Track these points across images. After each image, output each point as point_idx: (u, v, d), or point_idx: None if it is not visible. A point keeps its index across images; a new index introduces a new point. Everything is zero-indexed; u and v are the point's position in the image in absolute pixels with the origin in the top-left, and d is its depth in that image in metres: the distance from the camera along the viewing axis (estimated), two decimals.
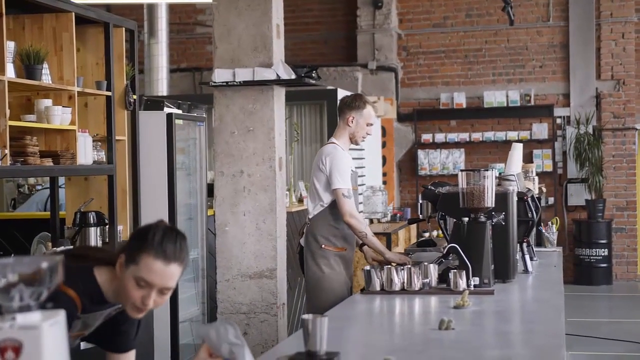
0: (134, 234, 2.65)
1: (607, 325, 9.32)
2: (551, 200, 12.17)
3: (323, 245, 5.06)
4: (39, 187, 8.52)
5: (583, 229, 11.95)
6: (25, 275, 1.74)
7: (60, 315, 1.77)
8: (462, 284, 4.06)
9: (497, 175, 5.12)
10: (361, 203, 9.70)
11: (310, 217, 5.16)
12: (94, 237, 5.33)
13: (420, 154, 12.53)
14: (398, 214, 10.51)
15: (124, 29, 5.78)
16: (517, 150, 5.55)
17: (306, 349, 2.69)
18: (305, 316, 2.67)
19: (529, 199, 4.90)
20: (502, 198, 4.41)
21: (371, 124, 5.21)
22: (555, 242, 6.18)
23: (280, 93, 5.53)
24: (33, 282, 1.74)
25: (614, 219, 12.13)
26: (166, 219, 6.08)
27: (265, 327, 5.41)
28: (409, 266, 4.21)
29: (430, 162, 12.52)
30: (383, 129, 11.88)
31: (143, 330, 5.56)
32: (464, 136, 12.43)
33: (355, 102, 5.18)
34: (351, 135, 5.16)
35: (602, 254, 11.84)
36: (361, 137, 5.19)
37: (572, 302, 10.49)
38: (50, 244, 5.43)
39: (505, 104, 12.32)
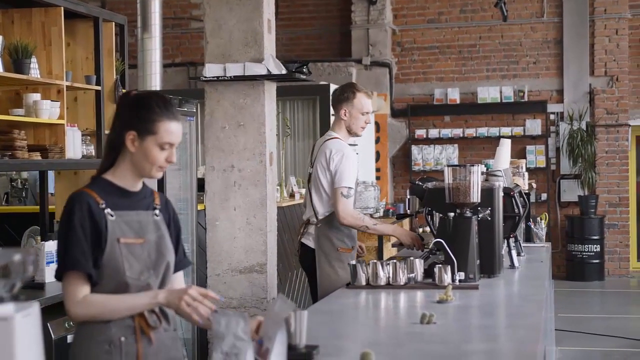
0: (131, 110, 2.78)
1: (598, 321, 9.34)
2: (544, 196, 12.20)
3: (339, 248, 4.97)
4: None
5: (576, 224, 11.98)
6: None
7: (34, 307, 1.79)
8: (447, 278, 4.07)
9: (485, 170, 5.13)
10: None
11: (319, 217, 5.00)
12: None
13: (414, 149, 12.54)
14: (391, 210, 10.51)
15: (113, 23, 5.80)
16: (505, 146, 5.57)
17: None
18: None
19: (516, 195, 4.90)
20: (488, 193, 4.41)
21: (366, 113, 5.03)
22: (544, 237, 6.20)
23: (271, 88, 5.53)
24: (5, 274, 1.76)
25: (607, 215, 12.16)
26: None
27: None
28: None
29: (424, 157, 12.54)
30: (377, 125, 11.90)
31: None
32: (458, 132, 12.44)
33: (344, 93, 5.03)
34: (348, 127, 5.04)
35: (595, 250, 11.87)
36: (359, 127, 5.04)
37: (564, 297, 10.53)
38: (39, 237, 5.43)
39: (499, 100, 12.34)
